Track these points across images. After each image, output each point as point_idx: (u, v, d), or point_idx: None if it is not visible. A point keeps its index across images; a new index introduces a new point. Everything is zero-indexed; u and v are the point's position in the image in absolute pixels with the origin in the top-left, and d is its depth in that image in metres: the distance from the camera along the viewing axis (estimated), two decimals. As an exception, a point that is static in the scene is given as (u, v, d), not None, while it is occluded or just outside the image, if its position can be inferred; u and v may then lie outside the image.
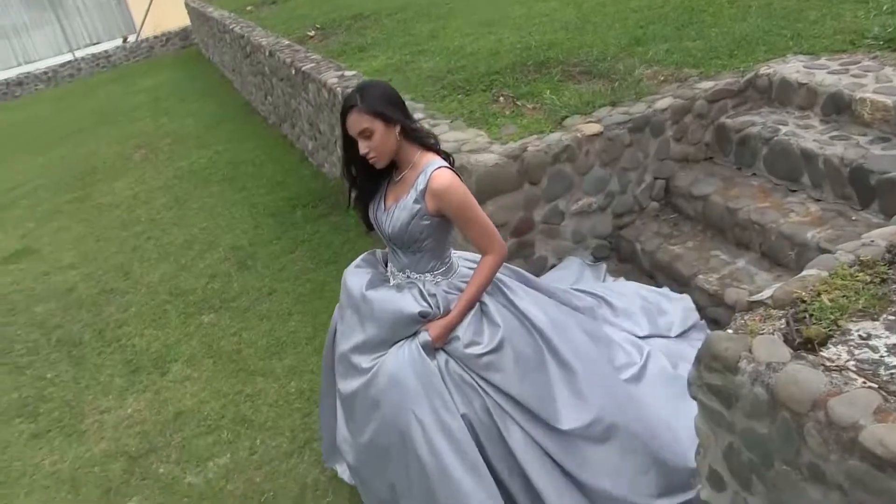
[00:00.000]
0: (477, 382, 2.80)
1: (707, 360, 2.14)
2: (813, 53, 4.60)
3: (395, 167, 2.84)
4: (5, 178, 10.81)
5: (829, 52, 4.59)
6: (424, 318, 2.81)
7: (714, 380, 2.13)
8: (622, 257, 4.44)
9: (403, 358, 2.79)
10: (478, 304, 2.87)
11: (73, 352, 5.54)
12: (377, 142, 2.66)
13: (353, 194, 2.95)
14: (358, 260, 3.14)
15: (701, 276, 3.85)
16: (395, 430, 2.81)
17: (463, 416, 2.77)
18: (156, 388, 4.83)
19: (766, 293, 2.32)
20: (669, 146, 4.42)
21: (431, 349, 2.80)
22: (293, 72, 7.55)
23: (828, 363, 1.93)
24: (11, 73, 19.45)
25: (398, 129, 2.71)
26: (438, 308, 2.83)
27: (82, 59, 19.76)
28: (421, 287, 2.87)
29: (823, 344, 2.00)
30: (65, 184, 9.87)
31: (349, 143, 2.75)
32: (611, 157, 4.25)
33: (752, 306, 2.33)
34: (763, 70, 4.48)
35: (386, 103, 2.69)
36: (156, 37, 20.13)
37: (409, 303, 2.83)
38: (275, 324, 5.19)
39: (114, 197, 8.89)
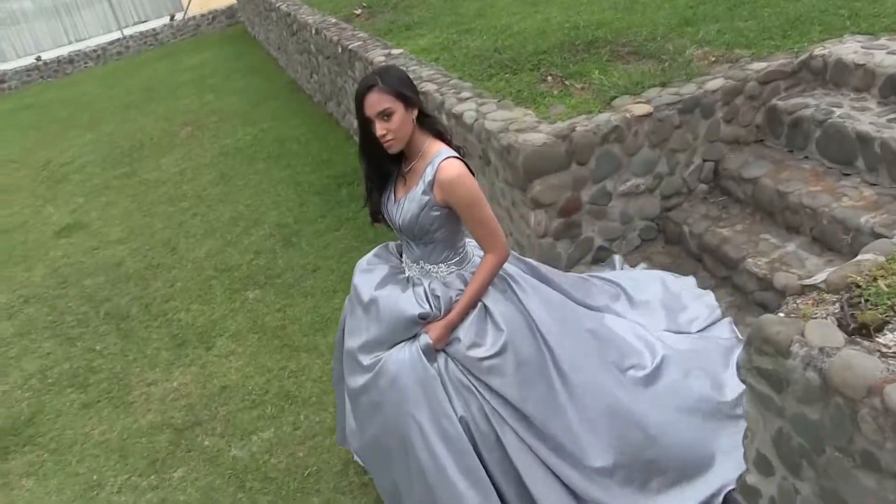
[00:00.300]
0: (475, 386, 2.78)
1: (758, 342, 2.11)
2: (871, 33, 4.48)
3: (404, 157, 2.79)
4: (58, 154, 10.99)
5: (890, 31, 4.47)
6: (424, 319, 2.80)
7: (764, 363, 2.11)
8: (669, 239, 4.39)
9: (404, 361, 2.78)
10: (482, 305, 2.84)
11: (121, 325, 5.64)
12: (396, 123, 2.62)
13: (367, 186, 2.92)
14: (370, 255, 3.12)
15: (749, 260, 3.79)
16: (395, 432, 2.83)
17: (461, 418, 2.76)
18: (201, 363, 4.90)
19: (820, 277, 2.28)
20: (719, 128, 4.35)
21: (432, 352, 2.78)
22: (339, 50, 7.56)
23: (884, 349, 1.89)
24: (63, 51, 19.74)
25: (416, 113, 2.69)
26: (439, 309, 2.80)
27: (130, 37, 19.96)
28: (426, 287, 2.85)
29: (879, 330, 1.96)
30: (113, 160, 10.01)
31: (365, 128, 2.71)
32: (660, 138, 4.19)
33: (804, 290, 2.29)
34: (818, 51, 4.38)
35: (406, 86, 2.66)
36: (202, 15, 20.25)
37: (410, 304, 2.81)
38: (319, 301, 5.23)
39: (160, 173, 9.00)
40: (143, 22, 21.21)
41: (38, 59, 19.22)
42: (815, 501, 2.07)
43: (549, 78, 4.79)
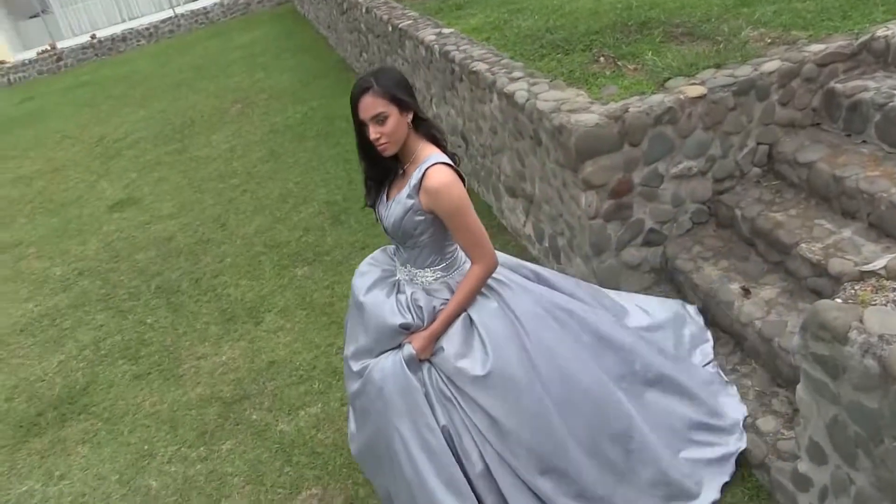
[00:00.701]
0: (457, 398, 2.76)
1: (814, 328, 2.08)
2: (937, 14, 4.35)
3: (399, 159, 2.76)
4: (112, 130, 11.19)
5: (957, 12, 4.34)
6: (407, 329, 2.78)
7: (820, 349, 2.07)
8: (721, 223, 4.33)
9: (387, 371, 2.77)
10: (467, 315, 2.81)
11: (171, 299, 5.74)
12: (390, 127, 2.59)
13: (366, 185, 2.91)
14: (369, 258, 3.13)
15: (803, 245, 3.72)
16: (382, 441, 2.85)
17: (443, 428, 2.76)
18: (250, 338, 4.97)
19: (879, 263, 2.24)
20: (775, 111, 4.26)
21: (415, 362, 2.77)
22: (390, 28, 7.55)
23: (947, 337, 1.85)
24: (116, 30, 20.05)
25: (411, 116, 2.66)
26: (422, 320, 2.79)
27: (182, 15, 20.19)
28: (409, 296, 2.83)
29: (942, 317, 1.92)
30: (165, 136, 10.16)
31: (360, 131, 2.68)
32: (713, 120, 4.12)
33: (863, 276, 2.24)
34: (880, 32, 4.26)
35: (402, 89, 2.63)
36: (252, -6, 20.41)
37: (392, 314, 2.80)
38: (366, 279, 5.25)
39: (211, 150, 9.11)
40: (194, 0, 21.41)
41: (93, 37, 19.55)
42: (872, 493, 2.04)
43: (602, 58, 4.73)
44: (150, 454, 4.14)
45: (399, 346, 2.81)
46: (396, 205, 2.73)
